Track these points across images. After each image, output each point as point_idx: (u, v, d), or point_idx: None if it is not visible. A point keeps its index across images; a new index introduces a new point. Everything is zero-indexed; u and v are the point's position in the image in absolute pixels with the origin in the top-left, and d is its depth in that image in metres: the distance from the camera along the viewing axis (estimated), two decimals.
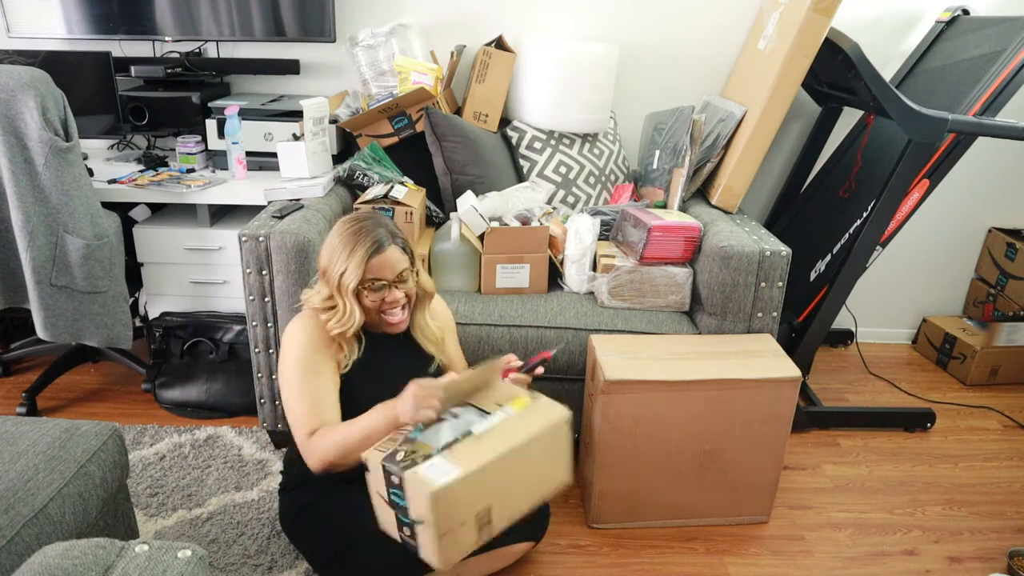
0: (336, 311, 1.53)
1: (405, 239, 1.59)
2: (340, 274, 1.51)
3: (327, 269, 1.53)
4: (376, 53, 2.38)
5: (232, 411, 2.28)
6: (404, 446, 1.30)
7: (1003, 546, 1.88)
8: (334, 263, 1.52)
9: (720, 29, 2.57)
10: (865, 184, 2.37)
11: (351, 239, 1.52)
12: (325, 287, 1.54)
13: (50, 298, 1.96)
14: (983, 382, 2.69)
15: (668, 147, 2.29)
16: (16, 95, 1.78)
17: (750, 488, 1.85)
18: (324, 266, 1.54)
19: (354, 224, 1.55)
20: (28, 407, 2.27)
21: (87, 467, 1.35)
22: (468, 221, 2.09)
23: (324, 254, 1.55)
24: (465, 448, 1.27)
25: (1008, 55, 2.04)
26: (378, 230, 1.53)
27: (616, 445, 1.75)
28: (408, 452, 1.27)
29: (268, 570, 1.67)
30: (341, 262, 1.51)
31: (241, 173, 2.33)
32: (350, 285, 1.51)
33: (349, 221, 1.56)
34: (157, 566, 0.87)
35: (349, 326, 1.52)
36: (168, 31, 2.46)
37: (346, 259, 1.50)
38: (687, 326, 1.98)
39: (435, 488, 1.18)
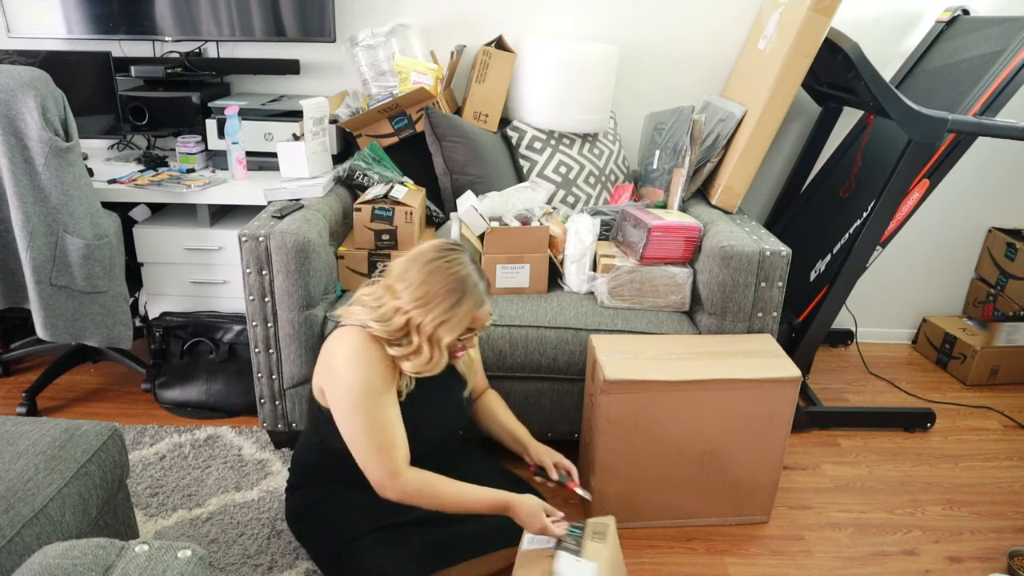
0: (414, 353, 1.42)
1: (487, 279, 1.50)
2: (437, 324, 1.40)
3: (410, 310, 1.40)
4: (376, 53, 2.38)
5: (232, 411, 2.28)
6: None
7: (1003, 546, 1.88)
8: (430, 310, 1.40)
9: (720, 29, 2.57)
10: (865, 184, 2.37)
11: (456, 288, 1.40)
12: (398, 318, 1.41)
13: (50, 298, 1.96)
14: (983, 382, 2.69)
15: (668, 147, 2.29)
16: (16, 95, 1.78)
17: (750, 488, 1.85)
18: (408, 308, 1.40)
19: (456, 268, 1.41)
20: (28, 407, 2.27)
21: (87, 467, 1.35)
22: (468, 221, 2.09)
23: (410, 295, 1.40)
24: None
25: (1008, 55, 2.04)
26: (481, 282, 1.44)
27: (616, 445, 1.75)
28: None
29: (268, 570, 1.67)
30: (441, 312, 1.39)
31: (241, 173, 2.33)
32: (446, 339, 1.42)
33: (449, 263, 1.42)
34: (157, 566, 0.87)
35: (432, 373, 1.45)
36: (168, 31, 2.46)
37: (447, 311, 1.40)
38: (687, 326, 1.98)
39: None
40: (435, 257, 1.42)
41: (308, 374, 1.96)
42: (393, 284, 1.44)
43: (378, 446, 1.40)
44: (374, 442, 1.40)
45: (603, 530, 1.53)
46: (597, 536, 1.52)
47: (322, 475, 1.58)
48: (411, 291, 1.41)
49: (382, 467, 1.40)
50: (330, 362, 1.45)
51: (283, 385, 1.98)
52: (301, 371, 1.95)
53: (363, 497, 1.51)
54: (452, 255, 1.43)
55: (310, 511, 1.57)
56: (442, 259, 1.42)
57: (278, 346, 1.93)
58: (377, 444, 1.40)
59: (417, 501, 1.41)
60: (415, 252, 1.46)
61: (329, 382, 1.45)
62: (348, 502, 1.54)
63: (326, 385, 1.46)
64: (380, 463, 1.40)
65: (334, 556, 1.51)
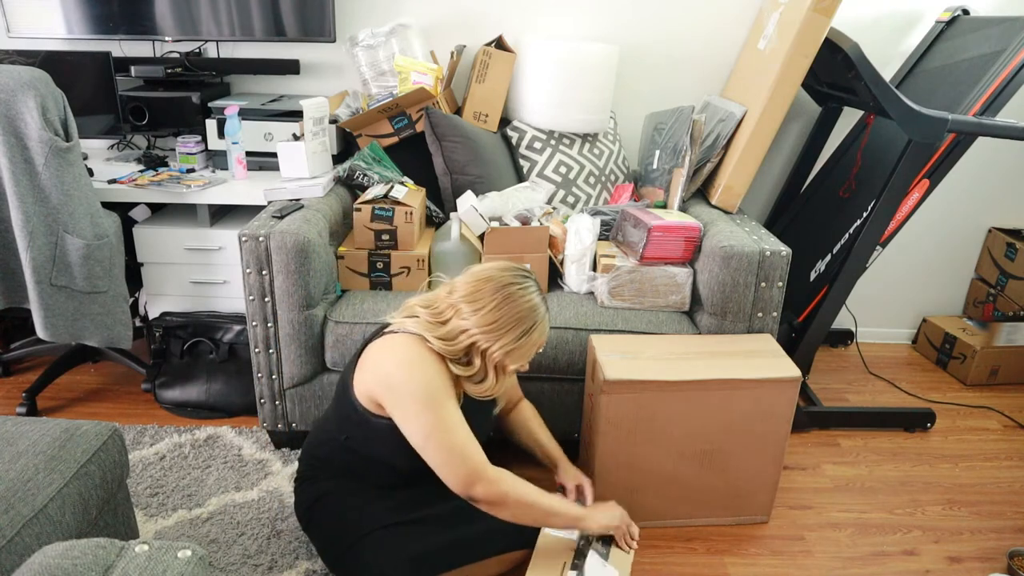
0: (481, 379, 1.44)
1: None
2: (506, 352, 1.40)
3: (478, 335, 1.39)
4: (376, 53, 2.38)
5: (232, 411, 2.28)
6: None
7: (1003, 546, 1.88)
8: (499, 338, 1.39)
9: (720, 29, 2.57)
10: (865, 184, 2.37)
11: (528, 317, 1.40)
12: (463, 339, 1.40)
13: (50, 298, 1.96)
14: (983, 382, 2.69)
15: (668, 147, 2.29)
16: (16, 95, 1.78)
17: (750, 488, 1.85)
18: (475, 331, 1.39)
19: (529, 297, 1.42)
20: (28, 407, 2.27)
21: (87, 467, 1.35)
22: (468, 221, 2.09)
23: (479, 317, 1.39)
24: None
25: (1008, 55, 2.04)
26: (548, 309, 1.46)
27: (616, 445, 1.75)
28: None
29: (268, 570, 1.67)
30: (511, 340, 1.40)
31: (241, 173, 2.33)
32: (511, 366, 1.43)
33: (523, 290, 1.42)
34: (157, 566, 0.87)
35: (492, 394, 1.46)
36: (168, 31, 2.46)
37: (515, 340, 1.40)
38: (687, 326, 1.98)
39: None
40: (510, 283, 1.41)
41: (308, 374, 1.96)
42: (459, 304, 1.42)
43: (456, 446, 1.38)
44: (451, 442, 1.38)
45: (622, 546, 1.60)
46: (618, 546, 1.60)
47: (336, 470, 1.58)
48: (481, 315, 1.39)
49: (464, 466, 1.38)
50: (382, 371, 1.42)
51: (283, 385, 1.98)
52: (301, 371, 1.95)
53: (374, 495, 1.51)
54: (525, 283, 1.43)
55: (319, 504, 1.57)
56: (516, 286, 1.41)
57: (278, 346, 1.93)
58: (452, 444, 1.38)
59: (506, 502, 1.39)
60: (486, 274, 1.44)
61: (388, 393, 1.41)
62: (358, 499, 1.54)
63: (383, 396, 1.42)
64: (462, 462, 1.38)
65: (340, 551, 1.51)
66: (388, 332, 1.48)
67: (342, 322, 1.91)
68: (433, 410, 1.37)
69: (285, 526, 1.80)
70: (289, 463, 2.04)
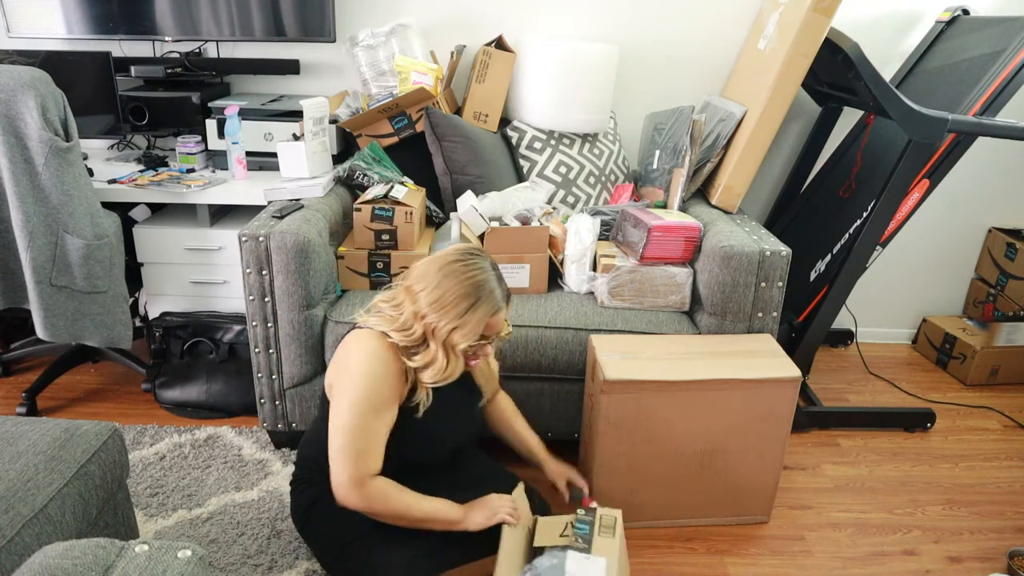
0: (430, 360, 1.41)
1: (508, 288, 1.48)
2: (451, 330, 1.38)
3: (428, 315, 1.38)
4: (376, 53, 2.38)
5: (232, 411, 2.28)
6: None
7: (1003, 546, 1.88)
8: (445, 315, 1.38)
9: (720, 29, 2.57)
10: (865, 184, 2.37)
11: (471, 293, 1.38)
12: (418, 326, 1.40)
13: (50, 298, 1.96)
14: (983, 382, 2.69)
15: (668, 147, 2.29)
16: (16, 95, 1.78)
17: (750, 488, 1.85)
18: (425, 311, 1.39)
19: (473, 272, 1.40)
20: (28, 407, 2.27)
21: (87, 467, 1.35)
22: (468, 221, 2.09)
23: (427, 297, 1.39)
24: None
25: (1008, 55, 2.04)
26: (497, 288, 1.42)
27: (616, 445, 1.75)
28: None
29: (268, 570, 1.67)
30: (454, 317, 1.38)
31: (241, 173, 2.33)
32: (461, 344, 1.40)
33: (466, 266, 1.40)
34: (157, 566, 0.87)
35: (447, 379, 1.43)
36: (168, 31, 2.46)
37: (461, 316, 1.38)
38: (687, 326, 1.98)
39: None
40: (454, 260, 1.41)
41: (308, 374, 1.96)
42: (412, 285, 1.42)
43: (355, 450, 1.40)
44: (353, 445, 1.39)
45: (611, 523, 1.53)
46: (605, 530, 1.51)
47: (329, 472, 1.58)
48: (427, 293, 1.39)
49: (349, 470, 1.40)
50: (346, 361, 1.44)
51: (283, 385, 1.98)
52: (301, 371, 1.95)
53: None
54: (471, 259, 1.42)
55: (314, 507, 1.57)
56: (460, 263, 1.41)
57: (278, 346, 1.93)
58: (355, 448, 1.40)
59: (380, 513, 1.41)
60: (436, 254, 1.45)
61: (339, 379, 1.45)
62: None
63: (336, 381, 1.46)
64: (351, 466, 1.40)
65: (336, 554, 1.51)
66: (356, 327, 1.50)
67: (342, 322, 1.91)
68: (354, 414, 1.39)
69: (285, 526, 1.80)
70: (289, 463, 2.04)
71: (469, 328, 1.39)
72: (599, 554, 1.44)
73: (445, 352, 1.41)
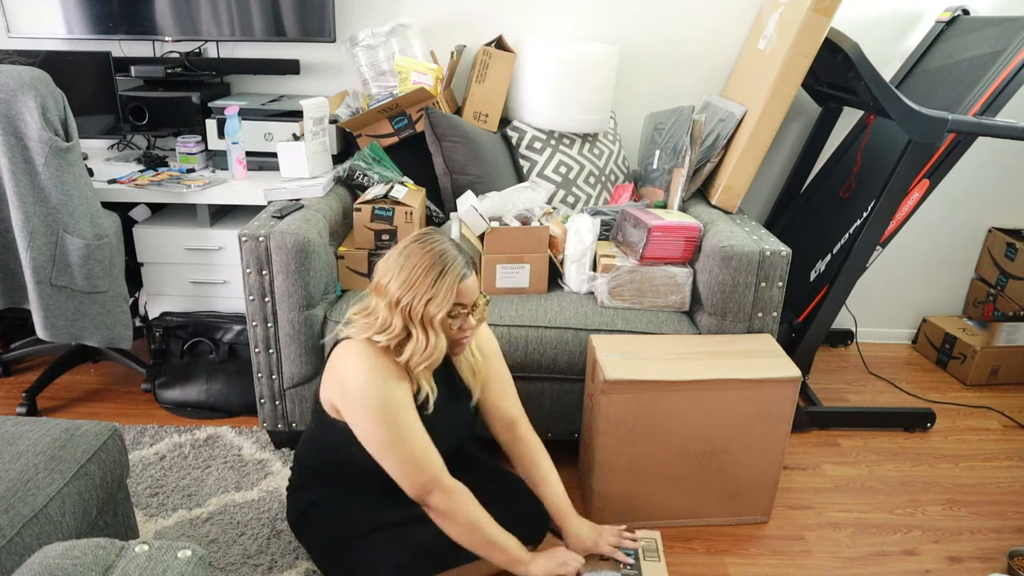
0: (415, 344, 1.40)
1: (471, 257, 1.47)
2: (426, 302, 1.37)
3: (401, 298, 1.38)
4: (376, 53, 2.38)
5: (232, 411, 2.28)
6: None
7: (1003, 546, 1.88)
8: (416, 291, 1.38)
9: (720, 29, 2.57)
10: (865, 184, 2.37)
11: (436, 262, 1.39)
12: (396, 318, 1.39)
13: (50, 298, 1.96)
14: (983, 382, 2.69)
15: (668, 147, 2.29)
16: (16, 95, 1.78)
17: (750, 488, 1.85)
18: (396, 295, 1.39)
19: (431, 246, 1.41)
20: (28, 407, 2.27)
21: (87, 467, 1.35)
22: (468, 221, 2.09)
23: (395, 283, 1.39)
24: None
25: (1008, 55, 2.04)
26: (461, 256, 1.42)
27: (616, 445, 1.75)
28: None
29: (268, 570, 1.67)
30: (425, 289, 1.37)
31: (241, 173, 2.33)
32: (438, 315, 1.38)
33: (422, 243, 1.42)
34: (157, 566, 0.87)
35: (435, 359, 1.42)
36: (168, 31, 2.46)
37: (431, 286, 1.37)
38: (687, 326, 1.98)
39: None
40: (411, 242, 1.43)
41: (308, 374, 1.96)
42: (379, 281, 1.43)
43: (411, 455, 1.39)
44: (406, 452, 1.38)
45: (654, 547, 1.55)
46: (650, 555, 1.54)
47: (326, 476, 1.58)
48: (395, 279, 1.40)
49: (420, 474, 1.39)
50: (338, 379, 1.43)
51: (283, 385, 1.98)
52: (301, 371, 1.95)
53: (365, 498, 1.51)
54: (426, 237, 1.44)
55: (311, 511, 1.57)
56: (417, 242, 1.42)
57: (278, 346, 1.93)
58: (407, 453, 1.39)
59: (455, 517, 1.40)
60: (392, 248, 1.47)
61: (343, 400, 1.43)
62: (350, 503, 1.54)
63: (339, 403, 1.44)
64: (417, 471, 1.39)
65: (334, 556, 1.51)
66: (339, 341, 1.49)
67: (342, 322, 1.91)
68: (386, 420, 1.38)
69: (285, 526, 1.80)
70: (289, 463, 2.04)
71: (442, 295, 1.38)
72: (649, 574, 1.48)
73: (424, 330, 1.40)
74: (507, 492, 1.62)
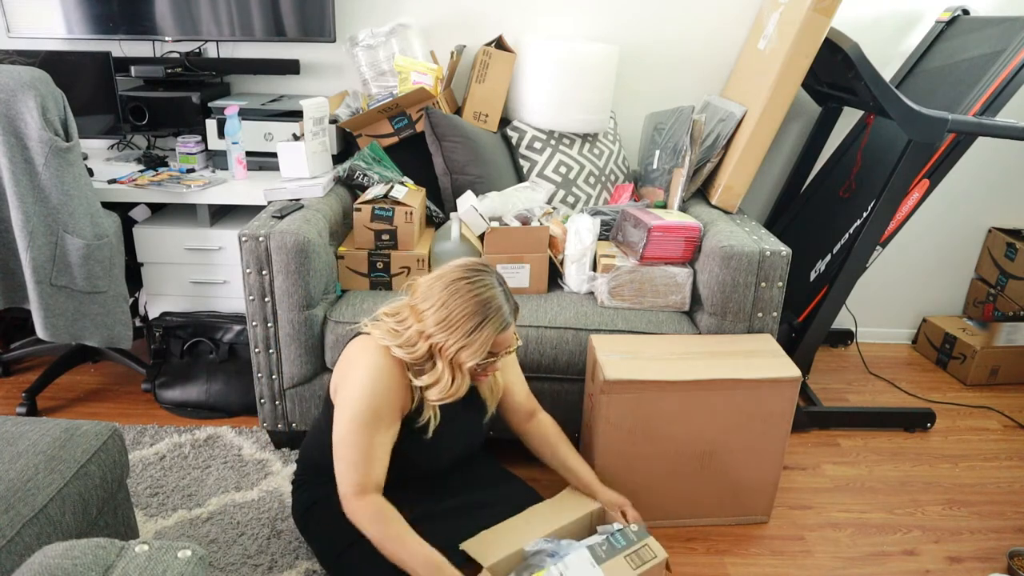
0: (437, 378, 1.39)
1: (516, 302, 1.45)
2: (459, 348, 1.36)
3: (434, 335, 1.36)
4: (376, 53, 2.38)
5: (232, 411, 2.28)
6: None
7: (1003, 546, 1.88)
8: (452, 335, 1.35)
9: (720, 29, 2.57)
10: (865, 184, 2.37)
11: (478, 311, 1.35)
12: (423, 345, 1.38)
13: (50, 298, 1.96)
14: (983, 382, 2.69)
15: (668, 147, 2.29)
16: (16, 95, 1.78)
17: (750, 488, 1.85)
18: (431, 331, 1.37)
19: (480, 290, 1.36)
20: (28, 407, 2.27)
21: (87, 467, 1.35)
22: (468, 221, 2.09)
23: (432, 316, 1.36)
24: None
25: (1008, 55, 2.04)
26: (505, 304, 1.39)
27: (616, 445, 1.75)
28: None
29: (268, 570, 1.67)
30: (461, 336, 1.35)
31: (241, 173, 2.33)
32: (468, 364, 1.37)
33: (472, 284, 1.37)
34: (157, 566, 0.87)
35: (455, 398, 1.41)
36: (168, 31, 2.46)
37: (468, 335, 1.35)
38: (687, 326, 1.98)
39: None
40: (459, 278, 1.38)
41: (308, 374, 1.96)
42: (417, 304, 1.40)
43: (355, 462, 1.39)
44: (353, 457, 1.39)
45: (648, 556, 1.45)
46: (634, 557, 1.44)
47: (330, 474, 1.58)
48: (433, 312, 1.37)
49: (351, 481, 1.39)
50: (350, 370, 1.43)
51: (283, 385, 1.98)
52: (301, 371, 1.95)
53: None
54: (476, 276, 1.39)
55: (315, 508, 1.57)
56: (465, 280, 1.38)
57: (278, 346, 1.93)
58: (355, 460, 1.39)
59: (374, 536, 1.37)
60: (441, 271, 1.42)
61: (342, 387, 1.44)
62: None
63: (339, 388, 1.45)
64: (352, 476, 1.39)
65: (336, 554, 1.51)
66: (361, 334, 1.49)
67: (342, 322, 1.91)
68: (360, 424, 1.38)
69: (285, 526, 1.80)
70: (289, 463, 2.04)
71: (477, 346, 1.36)
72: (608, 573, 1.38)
73: (451, 371, 1.39)
74: (508, 492, 1.62)
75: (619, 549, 1.44)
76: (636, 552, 1.45)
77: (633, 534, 1.47)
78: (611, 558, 1.41)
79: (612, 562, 1.40)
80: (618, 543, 1.45)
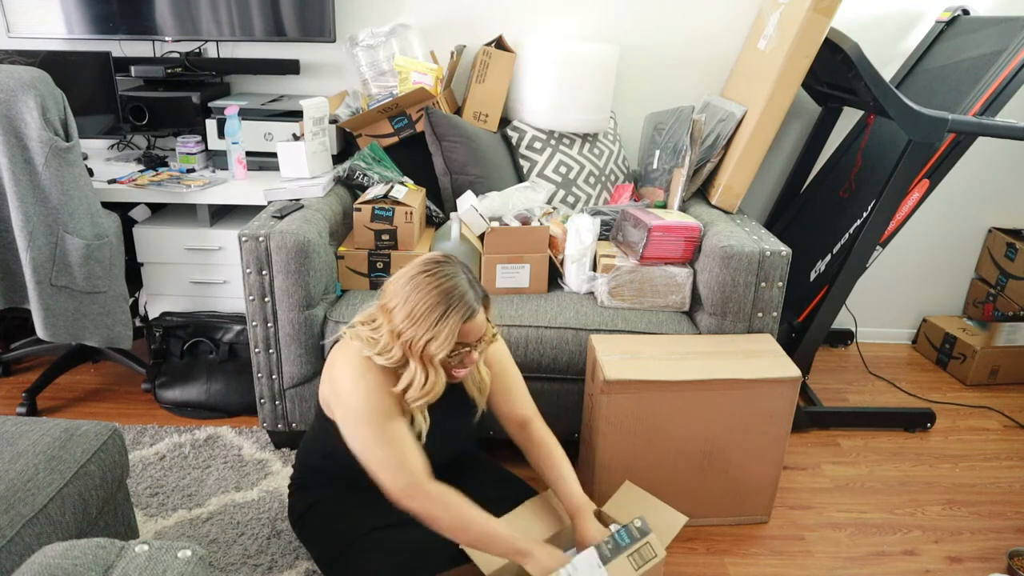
0: (412, 377, 1.37)
1: (485, 290, 1.42)
2: (426, 342, 1.34)
3: (403, 332, 1.35)
4: (376, 53, 2.38)
5: (232, 411, 2.28)
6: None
7: (1003, 546, 1.88)
8: (418, 328, 1.34)
9: (720, 29, 2.57)
10: (865, 184, 2.37)
11: (441, 301, 1.33)
12: (397, 348, 1.36)
13: (50, 298, 1.96)
14: (983, 382, 2.69)
15: (668, 147, 2.29)
16: (16, 95, 1.78)
17: (750, 488, 1.85)
18: (399, 328, 1.35)
19: (440, 281, 1.35)
20: (28, 407, 2.27)
21: (87, 467, 1.35)
22: (468, 221, 2.09)
23: (399, 313, 1.35)
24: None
25: (1008, 55, 2.04)
26: (469, 291, 1.37)
27: (616, 445, 1.75)
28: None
29: (268, 570, 1.67)
30: (426, 328, 1.33)
31: (241, 173, 2.33)
32: (438, 356, 1.35)
33: (432, 276, 1.36)
34: (157, 566, 0.87)
35: (433, 395, 1.40)
36: (168, 31, 2.46)
37: (433, 326, 1.33)
38: (687, 326, 1.98)
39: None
40: (420, 272, 1.38)
41: (308, 374, 1.96)
42: (386, 303, 1.40)
43: (390, 459, 1.37)
44: (385, 456, 1.37)
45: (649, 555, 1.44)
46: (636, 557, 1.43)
47: (327, 477, 1.58)
48: (399, 309, 1.36)
49: (396, 481, 1.37)
50: (335, 378, 1.43)
51: (283, 385, 1.98)
52: (301, 371, 1.95)
53: (366, 498, 1.51)
54: (437, 268, 1.38)
55: (312, 511, 1.57)
56: (426, 272, 1.37)
57: (278, 346, 1.93)
58: (388, 457, 1.37)
59: (439, 516, 1.36)
60: (405, 268, 1.41)
61: (335, 402, 1.43)
62: (350, 503, 1.54)
63: (332, 401, 1.45)
64: (395, 476, 1.37)
65: (334, 556, 1.51)
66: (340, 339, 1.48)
67: (342, 322, 1.91)
68: (371, 424, 1.37)
69: (285, 526, 1.80)
70: (289, 463, 2.04)
71: (443, 337, 1.34)
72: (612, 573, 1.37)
73: (424, 367, 1.37)
74: (507, 492, 1.62)
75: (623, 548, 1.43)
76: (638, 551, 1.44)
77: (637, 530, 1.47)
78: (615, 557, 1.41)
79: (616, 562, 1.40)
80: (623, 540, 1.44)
